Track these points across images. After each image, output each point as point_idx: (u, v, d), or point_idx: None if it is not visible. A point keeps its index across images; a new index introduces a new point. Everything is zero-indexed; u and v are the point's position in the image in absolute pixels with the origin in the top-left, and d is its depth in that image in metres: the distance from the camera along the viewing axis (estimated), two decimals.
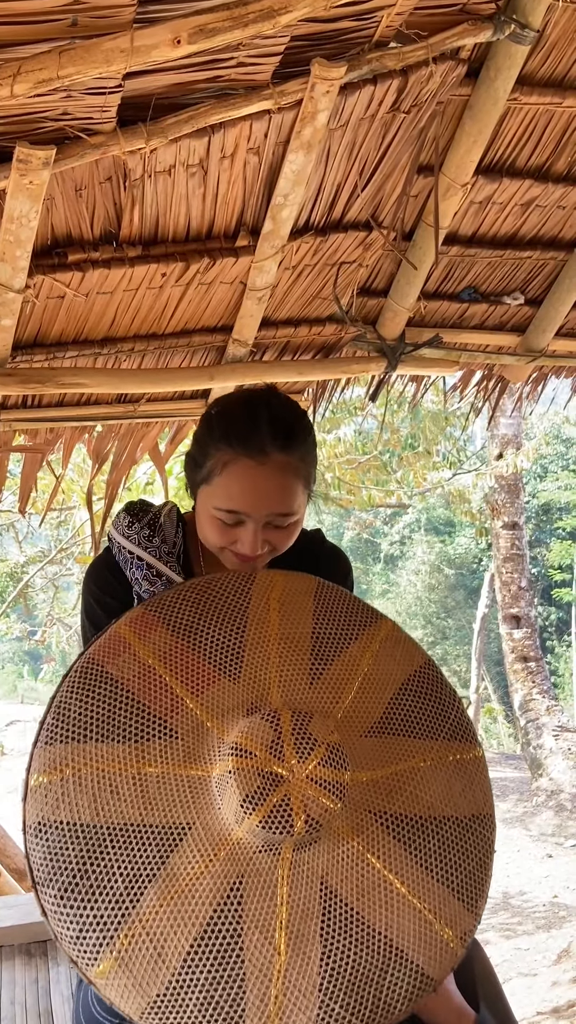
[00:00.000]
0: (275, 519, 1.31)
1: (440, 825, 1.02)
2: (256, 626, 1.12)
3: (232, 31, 1.37)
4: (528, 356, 2.71)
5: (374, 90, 1.74)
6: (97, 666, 1.05)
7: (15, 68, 1.28)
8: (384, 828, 0.99)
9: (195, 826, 0.94)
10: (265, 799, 0.94)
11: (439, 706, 1.14)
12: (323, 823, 0.95)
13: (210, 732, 1.01)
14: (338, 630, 1.15)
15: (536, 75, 2.00)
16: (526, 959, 4.88)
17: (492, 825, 1.05)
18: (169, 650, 1.07)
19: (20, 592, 10.20)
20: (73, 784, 0.95)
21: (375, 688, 1.11)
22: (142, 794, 0.95)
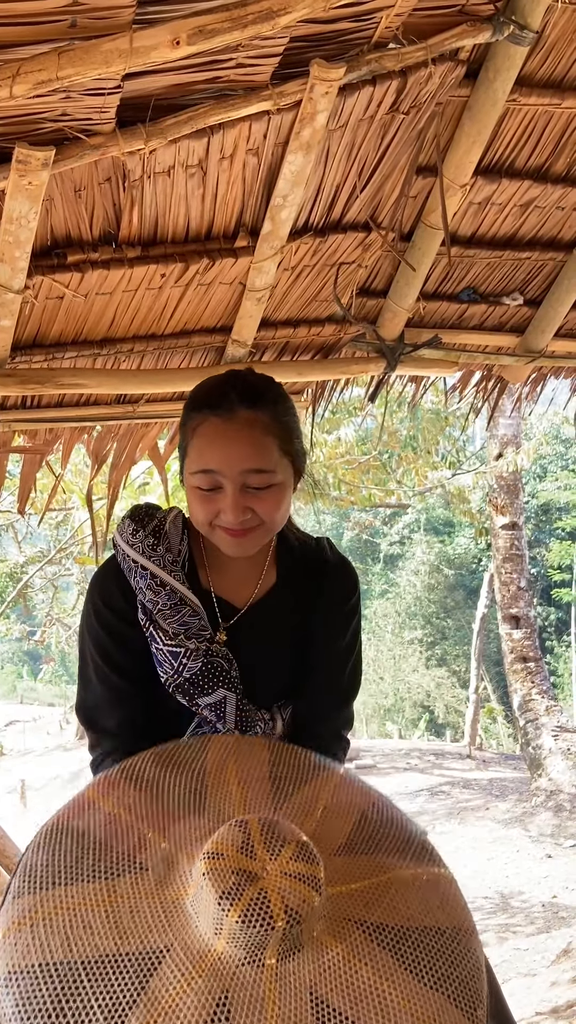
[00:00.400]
0: (251, 478, 1.30)
1: (423, 935, 1.00)
2: (215, 773, 1.14)
3: (231, 32, 1.37)
4: (527, 357, 2.71)
5: (373, 91, 1.74)
6: (62, 824, 1.05)
7: (14, 69, 1.28)
8: (368, 937, 0.97)
9: (173, 947, 0.92)
10: (241, 894, 0.92)
11: (401, 831, 1.17)
12: (304, 916, 0.93)
13: (180, 862, 1.00)
14: (294, 773, 1.18)
15: (535, 76, 2.00)
16: (525, 959, 4.89)
17: (476, 938, 1.03)
18: (133, 801, 1.08)
19: (19, 592, 10.21)
20: (44, 928, 0.92)
21: (337, 816, 1.13)
22: (116, 925, 0.93)
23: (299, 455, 1.40)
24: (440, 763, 10.84)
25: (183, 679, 1.38)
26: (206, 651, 1.38)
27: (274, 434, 1.33)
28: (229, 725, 1.39)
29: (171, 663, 1.38)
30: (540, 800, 7.84)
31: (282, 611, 1.46)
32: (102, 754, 1.40)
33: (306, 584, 1.47)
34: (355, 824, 1.14)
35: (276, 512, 1.34)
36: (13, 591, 10.36)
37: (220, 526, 1.33)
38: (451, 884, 1.11)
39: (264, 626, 1.45)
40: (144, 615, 1.39)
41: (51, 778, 10.99)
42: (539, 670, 9.08)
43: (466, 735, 12.32)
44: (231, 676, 1.39)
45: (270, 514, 1.33)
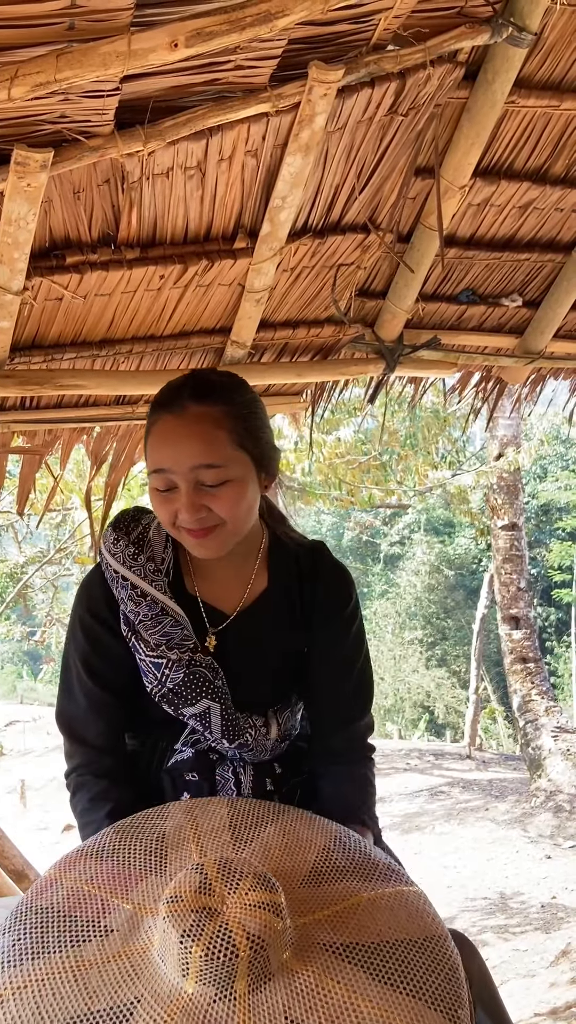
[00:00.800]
0: (202, 474, 1.27)
1: (395, 948, 1.00)
2: (174, 834, 1.15)
3: (230, 34, 1.37)
4: (526, 358, 2.71)
5: (372, 93, 1.74)
6: (26, 906, 1.06)
7: (13, 71, 1.28)
8: (338, 957, 0.97)
9: (143, 997, 0.92)
10: (203, 930, 0.92)
11: (365, 858, 1.17)
12: (268, 941, 0.93)
13: (144, 918, 1.01)
14: (253, 820, 1.20)
15: (534, 78, 2.00)
16: (524, 960, 4.88)
17: (450, 943, 1.04)
18: (94, 873, 1.09)
19: (19, 593, 10.21)
20: (14, 1003, 0.93)
21: (298, 851, 1.15)
22: (84, 987, 0.94)
23: (262, 450, 1.35)
24: (440, 763, 10.84)
25: (166, 689, 1.37)
26: (188, 661, 1.37)
27: (226, 428, 1.29)
28: (216, 734, 1.39)
29: (154, 673, 1.37)
30: (540, 801, 7.84)
31: (273, 616, 1.45)
32: (77, 766, 1.40)
33: (299, 589, 1.45)
34: (318, 856, 1.15)
35: (234, 509, 1.30)
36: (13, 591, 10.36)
37: (182, 527, 1.31)
38: (420, 898, 1.11)
39: (254, 632, 1.44)
40: (126, 625, 1.39)
41: (50, 778, 10.98)
42: (539, 671, 9.08)
43: (466, 736, 12.32)
44: (215, 686, 1.38)
45: (227, 511, 1.30)
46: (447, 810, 8.28)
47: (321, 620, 1.45)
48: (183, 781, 1.42)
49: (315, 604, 1.45)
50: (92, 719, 1.40)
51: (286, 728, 1.48)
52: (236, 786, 1.40)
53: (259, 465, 1.35)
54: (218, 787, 1.41)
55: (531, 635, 9.16)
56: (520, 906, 5.81)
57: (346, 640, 1.46)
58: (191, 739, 1.43)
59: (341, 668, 1.45)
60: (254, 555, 1.45)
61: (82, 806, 1.36)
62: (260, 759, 1.44)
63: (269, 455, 1.37)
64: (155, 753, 1.47)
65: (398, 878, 1.14)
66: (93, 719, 1.40)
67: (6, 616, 11.59)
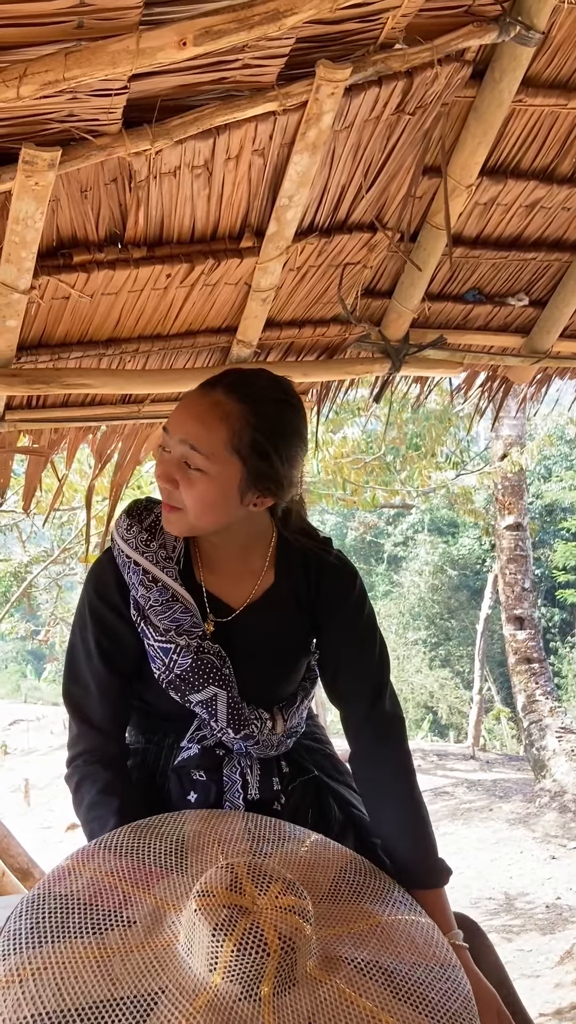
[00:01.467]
0: (187, 452, 1.30)
1: (413, 970, 1.01)
2: (194, 839, 1.16)
3: (238, 33, 1.37)
4: (532, 357, 2.71)
5: (379, 92, 1.74)
6: (44, 892, 1.06)
7: (21, 70, 1.28)
8: (360, 971, 0.98)
9: (168, 989, 0.92)
10: (235, 926, 0.93)
11: (381, 883, 1.20)
12: (298, 944, 0.93)
13: (167, 913, 1.01)
14: (271, 835, 1.21)
15: (541, 77, 2.00)
16: (529, 961, 4.88)
17: (463, 973, 1.06)
18: (114, 866, 1.09)
19: (24, 592, 10.22)
20: (34, 982, 0.92)
21: (318, 868, 1.16)
22: (107, 974, 0.93)
23: (261, 467, 1.32)
24: (443, 764, 10.83)
25: (174, 675, 1.38)
26: (197, 648, 1.38)
27: (230, 426, 1.29)
28: (222, 723, 1.39)
29: (162, 659, 1.38)
30: (544, 801, 7.83)
31: (279, 613, 1.45)
32: (83, 751, 1.39)
33: (305, 587, 1.46)
34: (337, 875, 1.16)
35: (195, 500, 1.31)
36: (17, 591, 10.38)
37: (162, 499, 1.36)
38: (432, 928, 1.13)
39: (260, 627, 1.44)
40: (136, 610, 1.40)
41: (55, 777, 10.99)
42: (543, 671, 9.07)
43: (469, 736, 12.31)
44: (223, 673, 1.39)
45: (188, 499, 1.31)
46: (451, 810, 8.27)
47: (328, 611, 1.46)
48: (190, 781, 1.42)
49: (320, 597, 1.46)
50: (98, 702, 1.40)
51: (291, 724, 1.48)
52: (243, 788, 1.40)
53: (251, 480, 1.33)
54: (225, 787, 1.40)
55: (535, 635, 9.15)
56: (525, 907, 5.81)
57: (357, 624, 1.46)
58: (197, 735, 1.44)
59: (360, 652, 1.45)
60: (263, 552, 1.46)
61: (90, 798, 1.34)
62: (266, 754, 1.44)
63: (273, 478, 1.34)
64: (162, 751, 1.47)
65: (412, 907, 1.16)
66: (99, 702, 1.40)
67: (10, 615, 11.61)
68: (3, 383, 1.99)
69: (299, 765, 1.51)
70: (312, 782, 1.51)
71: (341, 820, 1.48)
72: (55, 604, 12.27)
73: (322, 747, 1.60)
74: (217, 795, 1.40)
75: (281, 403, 1.36)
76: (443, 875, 1.35)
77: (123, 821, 1.28)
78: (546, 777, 8.17)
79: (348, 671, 1.45)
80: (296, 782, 1.49)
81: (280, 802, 1.42)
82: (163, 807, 1.41)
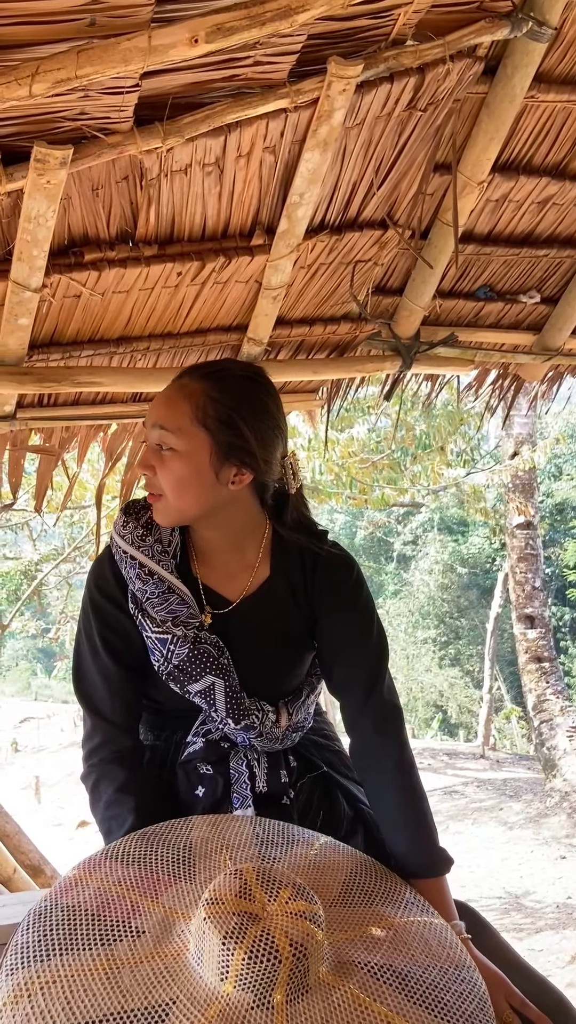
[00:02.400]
0: (158, 435, 1.36)
1: (427, 972, 1.00)
2: (202, 845, 1.15)
3: (249, 30, 1.37)
4: (544, 355, 2.70)
5: (390, 88, 1.74)
6: (50, 904, 1.05)
7: (33, 68, 1.28)
8: (374, 976, 0.97)
9: (179, 999, 0.90)
10: (245, 933, 0.91)
11: (392, 885, 1.19)
12: (310, 951, 0.92)
13: (176, 922, 1.00)
14: (280, 839, 1.20)
15: (553, 72, 1.99)
16: (539, 960, 4.87)
17: (477, 974, 1.05)
18: (121, 876, 1.09)
19: (34, 590, 10.26)
20: (43, 996, 0.91)
21: (328, 872, 1.15)
22: (117, 985, 0.92)
23: (230, 439, 1.35)
24: (453, 763, 10.82)
25: (172, 666, 1.39)
26: (194, 638, 1.40)
27: (193, 402, 1.36)
28: (221, 713, 1.40)
29: (160, 650, 1.40)
30: (554, 801, 7.81)
31: (276, 606, 1.46)
32: (99, 746, 1.40)
33: (301, 579, 1.47)
34: (347, 878, 1.16)
35: (169, 481, 1.36)
36: (28, 589, 10.42)
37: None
38: (445, 929, 1.12)
39: (256, 621, 1.46)
40: (134, 603, 1.42)
41: (65, 774, 11.04)
42: (554, 670, 9.04)
43: (479, 735, 12.29)
44: (220, 663, 1.40)
45: (165, 482, 1.37)
46: (461, 809, 8.26)
47: (324, 600, 1.46)
48: (197, 775, 1.43)
49: (316, 587, 1.47)
50: (108, 695, 1.42)
51: (297, 719, 1.49)
52: (251, 779, 1.40)
53: (221, 453, 1.36)
54: (232, 780, 1.41)
55: (546, 634, 9.13)
56: (535, 906, 5.79)
57: (353, 613, 1.47)
58: (202, 729, 1.44)
59: (353, 641, 1.45)
60: (256, 545, 1.48)
61: (107, 797, 1.35)
62: (272, 748, 1.45)
63: (239, 448, 1.37)
64: (169, 747, 1.48)
65: (424, 909, 1.16)
66: (109, 695, 1.42)
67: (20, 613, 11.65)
68: (15, 381, 1.99)
69: (308, 761, 1.52)
70: (321, 778, 1.51)
71: (350, 816, 1.48)
72: (65, 602, 12.31)
73: (331, 743, 1.61)
74: (224, 788, 1.41)
75: (244, 379, 1.42)
76: (445, 864, 1.35)
77: (140, 819, 1.29)
78: (556, 777, 8.15)
79: (345, 660, 1.45)
80: (305, 778, 1.49)
81: (289, 796, 1.42)
82: (172, 802, 1.42)
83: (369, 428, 8.99)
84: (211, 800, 1.40)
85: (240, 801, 1.38)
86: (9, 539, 11.69)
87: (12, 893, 3.26)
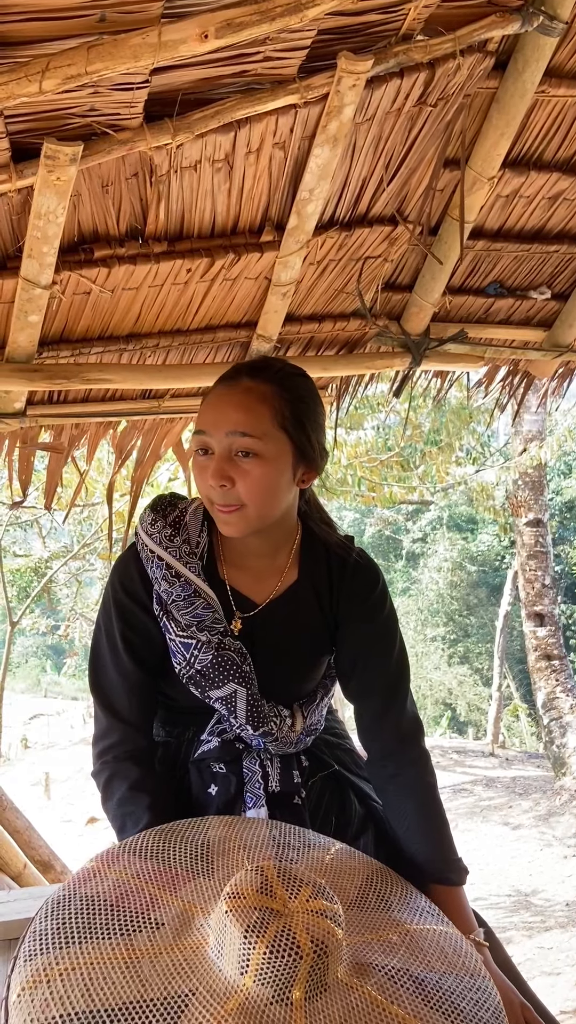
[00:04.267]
0: (236, 442, 1.29)
1: (444, 978, 1.01)
2: (219, 844, 1.15)
3: (259, 25, 1.36)
4: (554, 351, 2.68)
5: (400, 83, 1.73)
6: (69, 893, 1.05)
7: (43, 64, 1.29)
8: (391, 979, 0.98)
9: (198, 991, 0.91)
10: (267, 928, 0.92)
11: (407, 892, 1.19)
12: (330, 949, 0.92)
13: (196, 916, 1.00)
14: (297, 842, 1.20)
15: (564, 67, 1.98)
16: (549, 958, 4.86)
17: (491, 983, 1.05)
18: (139, 869, 1.09)
19: (44, 587, 10.30)
20: (62, 982, 0.91)
21: (344, 875, 1.15)
22: (136, 975, 0.92)
23: (306, 439, 1.35)
24: (463, 761, 10.80)
25: (194, 671, 1.38)
26: (218, 644, 1.38)
27: (271, 405, 1.31)
28: (240, 719, 1.39)
29: (183, 654, 1.38)
30: (564, 799, 7.79)
31: (301, 611, 1.45)
32: (112, 745, 1.39)
33: (328, 586, 1.46)
34: (363, 883, 1.15)
35: (254, 488, 1.30)
36: (38, 586, 10.45)
37: (214, 503, 1.33)
38: (460, 939, 1.12)
39: (282, 625, 1.44)
40: (159, 605, 1.40)
41: (75, 771, 11.08)
42: (563, 668, 9.01)
43: (488, 733, 12.27)
44: (243, 670, 1.39)
45: (248, 490, 1.30)
46: (470, 808, 8.24)
47: (348, 609, 1.45)
48: (210, 774, 1.42)
49: (342, 595, 1.45)
50: (125, 694, 1.40)
51: (311, 722, 1.48)
52: (264, 779, 1.40)
53: (299, 454, 1.35)
54: (246, 779, 1.40)
55: (555, 632, 9.09)
56: (544, 904, 5.78)
57: (376, 623, 1.45)
58: (217, 728, 1.44)
59: (373, 652, 1.44)
60: (287, 549, 1.45)
61: (120, 795, 1.34)
62: (285, 751, 1.44)
63: (313, 448, 1.37)
64: (182, 744, 1.48)
65: (439, 918, 1.16)
66: (126, 695, 1.40)
67: (31, 610, 11.69)
68: (25, 378, 2.00)
69: (319, 759, 1.51)
70: (332, 776, 1.51)
71: (361, 814, 1.48)
72: (75, 599, 12.35)
73: (342, 742, 1.60)
74: (238, 787, 1.40)
75: (300, 377, 1.41)
76: (463, 873, 1.35)
77: (155, 817, 1.28)
78: (566, 775, 8.13)
79: (364, 670, 1.44)
80: (316, 777, 1.49)
81: (301, 796, 1.42)
82: (184, 800, 1.41)
83: (378, 425, 8.97)
84: (224, 799, 1.39)
85: (253, 801, 1.37)
86: (19, 536, 11.73)
87: (22, 888, 3.28)
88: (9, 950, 2.07)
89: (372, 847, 1.42)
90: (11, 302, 1.85)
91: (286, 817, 1.35)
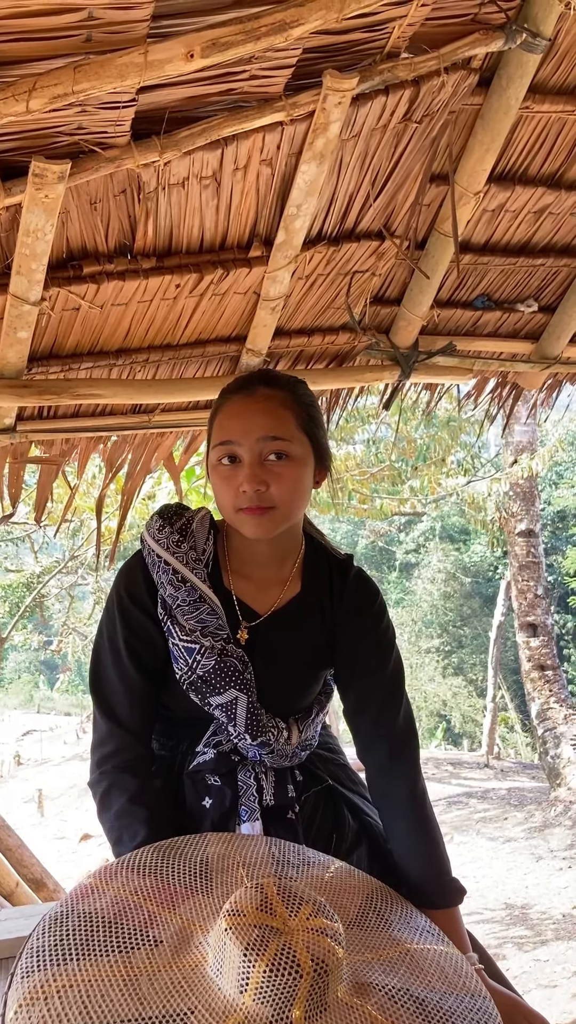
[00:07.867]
0: (267, 446, 1.34)
1: (444, 998, 1.00)
2: (219, 860, 1.15)
3: (245, 44, 1.38)
4: (542, 363, 2.70)
5: (386, 100, 1.75)
6: (67, 910, 1.04)
7: (31, 84, 1.30)
8: (392, 999, 0.97)
9: (197, 1009, 0.90)
10: (267, 946, 0.91)
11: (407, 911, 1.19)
12: (331, 967, 0.91)
13: (195, 933, 0.99)
14: (297, 860, 1.20)
15: (548, 83, 2.00)
16: (545, 971, 4.83)
17: (492, 1003, 1.05)
18: (138, 886, 1.08)
19: (36, 602, 10.25)
20: (59, 1000, 0.90)
21: (344, 894, 1.15)
22: (135, 992, 0.91)
23: (321, 440, 1.43)
24: (457, 773, 10.77)
25: (196, 676, 1.39)
26: (221, 650, 1.39)
27: (292, 410, 1.38)
28: (240, 728, 1.39)
29: (186, 659, 1.39)
30: (559, 810, 7.77)
31: (302, 623, 1.46)
32: (111, 753, 1.38)
33: (329, 600, 1.48)
34: (363, 902, 1.15)
35: (288, 489, 1.35)
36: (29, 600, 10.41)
37: (242, 508, 1.35)
38: (460, 959, 1.12)
39: (282, 636, 1.45)
40: (163, 609, 1.41)
41: (68, 787, 11.01)
42: (557, 678, 9.02)
43: (483, 744, 12.25)
44: (244, 678, 1.39)
45: (283, 491, 1.34)
46: (465, 819, 8.22)
47: (347, 622, 1.46)
48: (205, 786, 1.42)
49: (341, 608, 1.47)
50: (126, 701, 1.40)
51: (306, 737, 1.48)
52: (258, 792, 1.40)
53: (317, 454, 1.43)
54: (240, 792, 1.40)
55: (549, 642, 9.11)
56: (540, 916, 5.76)
57: (373, 639, 1.46)
58: (213, 740, 1.44)
59: (371, 666, 1.45)
60: (292, 561, 1.48)
61: (118, 807, 1.33)
62: (280, 765, 1.44)
63: (327, 448, 1.45)
64: (176, 756, 1.47)
65: (439, 938, 1.15)
66: (127, 701, 1.40)
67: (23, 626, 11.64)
68: (15, 394, 2.00)
69: (313, 774, 1.51)
70: (326, 791, 1.51)
71: (355, 828, 1.47)
72: (67, 614, 12.30)
73: (336, 756, 1.60)
74: (232, 800, 1.40)
75: (302, 383, 1.47)
76: (457, 895, 1.34)
77: (153, 831, 1.28)
78: (561, 786, 8.12)
79: (362, 684, 1.45)
80: (310, 791, 1.49)
81: (295, 810, 1.42)
82: (178, 812, 1.41)
83: (369, 438, 8.99)
84: (219, 811, 1.39)
85: (248, 814, 1.37)
86: (11, 551, 11.70)
87: (14, 907, 3.25)
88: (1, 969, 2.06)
89: (366, 862, 1.42)
90: (0, 318, 1.85)
91: (280, 831, 1.35)
